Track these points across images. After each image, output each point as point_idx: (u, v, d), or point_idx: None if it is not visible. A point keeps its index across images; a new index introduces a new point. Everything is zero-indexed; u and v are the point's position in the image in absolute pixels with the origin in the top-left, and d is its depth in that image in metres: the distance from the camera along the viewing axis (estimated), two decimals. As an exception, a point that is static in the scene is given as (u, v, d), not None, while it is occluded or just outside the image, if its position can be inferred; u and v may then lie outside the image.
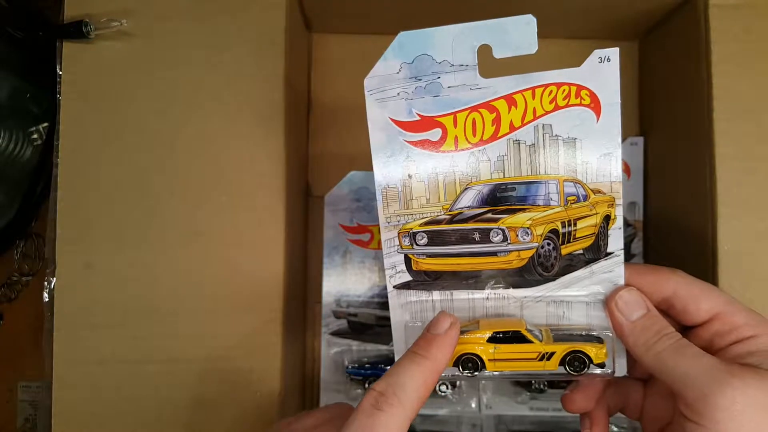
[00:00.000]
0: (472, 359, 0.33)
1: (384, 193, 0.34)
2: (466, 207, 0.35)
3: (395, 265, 0.35)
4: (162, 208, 0.42)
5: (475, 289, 0.35)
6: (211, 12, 0.42)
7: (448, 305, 0.35)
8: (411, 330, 0.35)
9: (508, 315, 0.34)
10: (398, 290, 0.35)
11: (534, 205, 0.35)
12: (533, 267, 0.34)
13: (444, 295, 0.35)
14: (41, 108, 0.52)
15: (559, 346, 0.33)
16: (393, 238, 0.35)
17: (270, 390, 0.42)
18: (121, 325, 0.41)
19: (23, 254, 0.56)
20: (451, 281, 0.35)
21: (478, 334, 0.33)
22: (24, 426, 0.55)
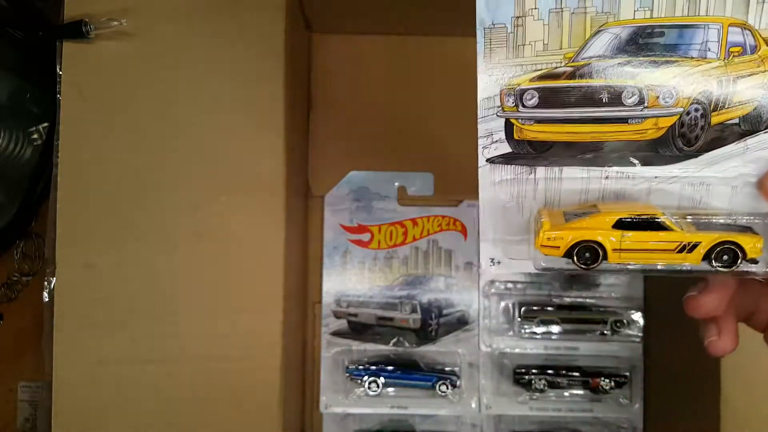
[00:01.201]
0: (592, 248, 0.27)
1: (487, 35, 0.27)
2: (595, 56, 0.27)
3: (492, 133, 0.28)
4: (162, 208, 0.42)
5: (592, 166, 0.28)
6: (210, 12, 0.42)
7: (555, 186, 0.28)
8: (504, 213, 0.29)
9: (631, 199, 0.28)
10: (492, 165, 0.28)
11: (685, 56, 0.27)
12: (672, 139, 0.28)
13: (550, 173, 0.28)
14: (41, 108, 0.52)
15: (706, 236, 0.27)
16: (493, 98, 0.28)
17: (270, 389, 0.42)
18: (121, 325, 0.41)
19: (23, 254, 0.56)
20: (562, 155, 0.28)
21: (600, 217, 0.27)
22: (24, 426, 0.55)
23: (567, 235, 0.27)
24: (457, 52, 0.56)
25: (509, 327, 0.54)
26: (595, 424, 0.54)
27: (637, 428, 0.54)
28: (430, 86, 0.56)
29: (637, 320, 0.54)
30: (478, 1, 0.27)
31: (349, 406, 0.54)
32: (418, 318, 0.54)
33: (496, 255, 0.30)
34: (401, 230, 0.55)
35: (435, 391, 0.53)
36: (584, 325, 0.53)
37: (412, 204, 0.55)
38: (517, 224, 0.29)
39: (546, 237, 0.28)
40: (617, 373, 0.53)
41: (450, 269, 0.55)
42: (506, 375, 0.54)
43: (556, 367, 0.54)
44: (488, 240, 0.28)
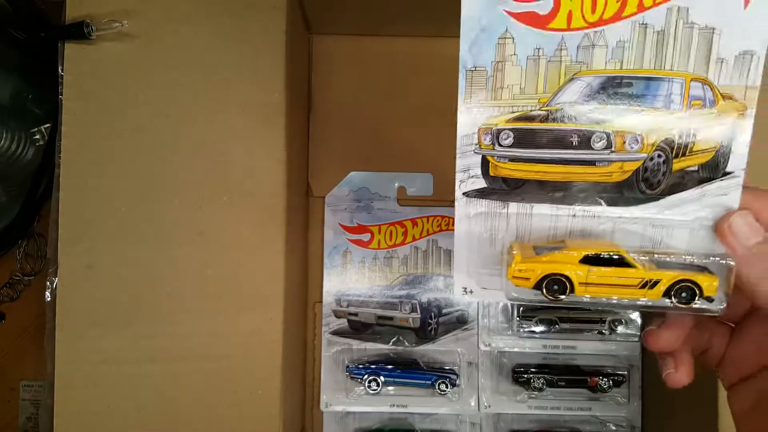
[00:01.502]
0: (560, 280, 0.29)
1: (469, 77, 0.29)
2: (568, 102, 0.29)
3: (469, 168, 0.30)
4: (163, 208, 0.42)
5: (561, 204, 0.29)
6: (212, 13, 0.42)
7: (526, 221, 0.30)
8: (477, 245, 0.30)
9: (596, 237, 0.30)
10: (468, 198, 0.30)
11: (651, 106, 0.28)
12: (636, 182, 0.29)
13: (522, 209, 0.29)
14: (43, 109, 0.53)
15: (666, 274, 0.28)
16: (471, 135, 0.29)
17: (270, 389, 0.42)
18: (122, 325, 0.41)
19: (25, 254, 0.56)
20: (533, 192, 0.29)
21: (567, 253, 0.29)
22: (26, 425, 0.56)
23: (537, 267, 0.29)
24: (457, 53, 0.56)
25: (508, 326, 0.54)
26: (593, 422, 0.54)
27: (635, 427, 0.54)
28: (429, 87, 0.56)
29: (635, 319, 0.54)
30: (462, 45, 0.29)
31: (349, 405, 0.54)
32: (418, 317, 0.54)
33: (468, 284, 0.31)
34: (401, 230, 0.55)
35: (434, 389, 0.53)
36: (582, 325, 0.54)
37: (412, 204, 0.56)
38: (490, 256, 0.31)
39: (517, 269, 0.29)
40: (615, 372, 0.54)
41: (449, 269, 0.55)
42: (505, 374, 0.54)
43: (555, 366, 0.54)
44: (462, 270, 0.30)
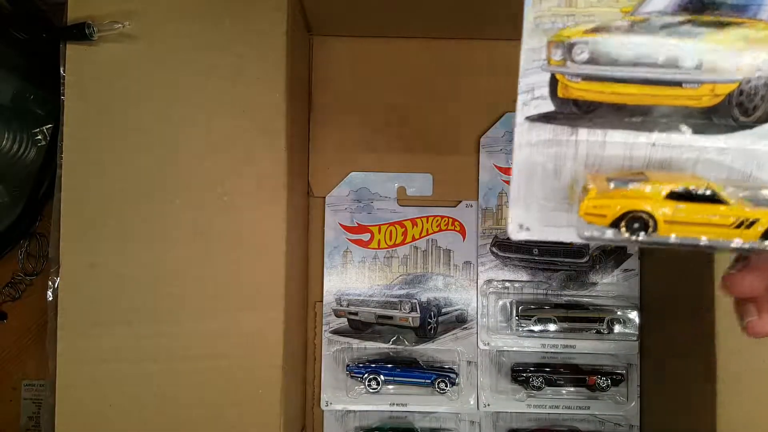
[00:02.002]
0: (641, 218, 0.25)
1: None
2: (655, 12, 0.25)
3: (533, 88, 0.26)
4: (164, 208, 0.42)
5: (640, 131, 0.26)
6: (213, 14, 0.42)
7: (597, 150, 0.26)
8: (539, 176, 0.26)
9: (677, 168, 0.26)
10: (531, 123, 0.26)
11: (754, 18, 0.25)
12: (729, 108, 0.25)
13: (593, 135, 0.26)
14: (45, 109, 0.53)
15: (765, 213, 0.25)
16: (539, 49, 0.26)
17: (271, 388, 0.42)
18: (123, 325, 0.42)
19: (27, 254, 0.56)
20: (608, 117, 0.26)
21: (650, 187, 0.25)
22: (28, 424, 0.56)
23: (616, 203, 0.25)
24: (457, 54, 0.56)
25: (507, 325, 0.55)
26: (592, 421, 0.55)
27: (633, 426, 0.54)
28: (429, 88, 0.56)
29: (634, 319, 0.54)
30: None
31: (349, 404, 0.54)
32: (418, 316, 0.54)
33: (526, 221, 0.28)
34: (401, 230, 0.56)
35: (434, 388, 0.54)
36: (581, 324, 0.54)
37: (412, 204, 0.56)
38: (554, 189, 0.27)
39: (592, 204, 0.25)
40: (614, 371, 0.54)
41: (449, 268, 0.56)
42: (504, 373, 0.55)
43: (554, 365, 0.54)
44: (519, 204, 0.26)
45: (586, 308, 0.54)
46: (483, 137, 0.56)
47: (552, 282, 0.55)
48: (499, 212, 0.56)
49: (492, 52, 0.56)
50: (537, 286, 0.55)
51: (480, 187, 0.56)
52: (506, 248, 0.55)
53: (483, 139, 0.56)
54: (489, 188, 0.55)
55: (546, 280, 0.55)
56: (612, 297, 0.54)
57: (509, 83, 0.62)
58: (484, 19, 0.52)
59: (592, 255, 0.54)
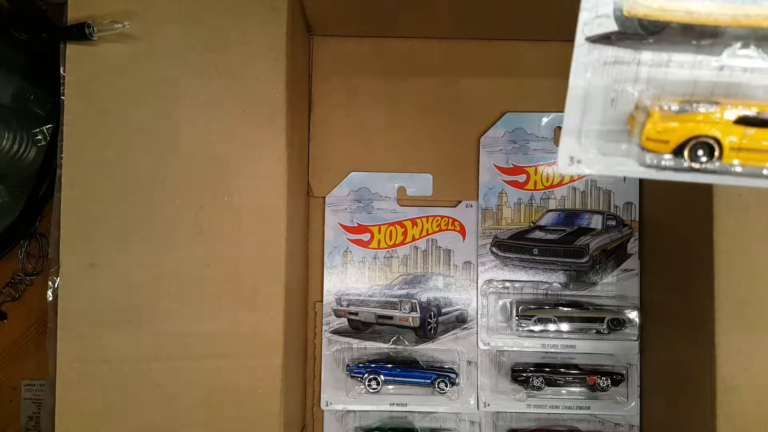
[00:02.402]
0: (707, 144, 0.23)
1: None
2: None
3: (598, 5, 0.24)
4: (164, 208, 0.42)
5: (708, 54, 0.24)
6: (213, 15, 0.42)
7: (661, 73, 0.24)
8: (597, 101, 0.24)
9: (747, 96, 0.24)
10: (592, 44, 0.24)
11: None
12: None
13: (658, 56, 0.24)
14: (45, 109, 0.53)
15: None
16: None
17: (271, 388, 0.42)
18: (123, 324, 0.42)
19: (27, 254, 0.56)
20: (674, 39, 0.24)
21: (717, 111, 0.23)
22: (28, 424, 0.56)
23: (680, 127, 0.23)
24: (456, 54, 0.56)
25: (507, 325, 0.55)
26: (592, 421, 0.55)
27: (633, 425, 0.54)
28: (429, 88, 0.56)
29: (634, 319, 0.54)
30: None
31: (349, 404, 0.54)
32: (418, 316, 0.54)
33: (577, 153, 0.26)
34: (401, 230, 0.56)
35: (434, 388, 0.54)
36: (581, 324, 0.54)
37: (412, 204, 0.56)
38: (612, 116, 0.25)
39: (655, 129, 0.24)
40: (614, 371, 0.54)
41: (449, 268, 0.56)
42: (504, 373, 0.55)
43: (554, 365, 0.54)
44: (572, 133, 0.24)
45: (586, 308, 0.54)
46: (483, 137, 0.56)
47: (552, 282, 0.55)
48: (499, 212, 0.56)
49: (492, 52, 0.56)
50: (537, 286, 0.55)
51: (480, 187, 0.56)
52: (506, 248, 0.55)
53: (483, 139, 0.56)
54: (489, 188, 0.55)
55: (546, 280, 0.55)
56: (612, 297, 0.54)
57: (509, 83, 0.62)
58: (485, 20, 0.52)
59: (592, 255, 0.54)
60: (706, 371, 0.42)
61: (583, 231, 0.55)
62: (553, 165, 0.55)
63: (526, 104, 0.56)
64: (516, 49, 0.56)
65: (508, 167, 0.55)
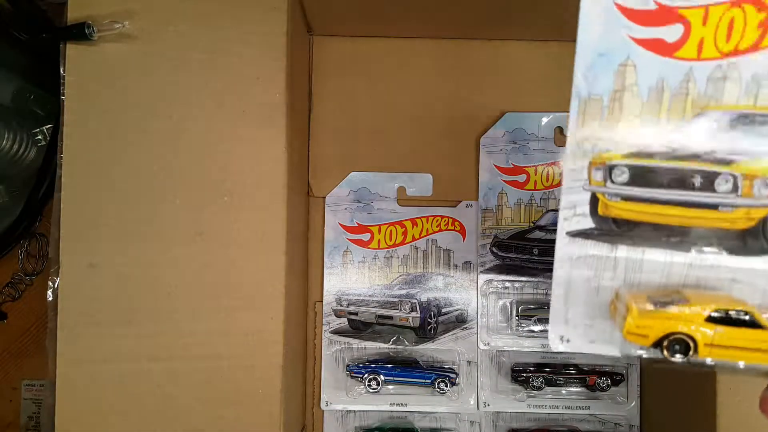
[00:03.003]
0: (683, 340, 0.25)
1: (582, 106, 0.26)
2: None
3: (575, 205, 0.27)
4: (164, 208, 0.42)
5: (677, 250, 0.26)
6: (213, 14, 0.43)
7: (635, 266, 0.27)
8: (579, 291, 0.27)
9: (713, 289, 0.27)
10: (572, 238, 0.27)
11: None
12: (763, 231, 0.26)
13: (632, 253, 0.27)
14: (45, 109, 0.53)
15: None
16: (581, 170, 0.27)
17: (271, 388, 0.42)
18: (123, 324, 0.42)
19: (27, 254, 0.56)
20: (646, 236, 0.27)
21: (691, 309, 0.25)
22: (28, 424, 0.56)
23: (658, 324, 0.26)
24: (456, 54, 0.56)
25: (507, 325, 0.55)
26: (592, 421, 0.55)
27: (633, 426, 0.54)
28: (429, 88, 0.56)
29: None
30: (576, 70, 0.26)
31: (349, 404, 0.54)
32: (418, 316, 0.54)
33: (566, 333, 0.29)
34: (401, 230, 0.56)
35: (434, 388, 0.54)
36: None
37: (412, 204, 0.56)
38: (594, 304, 0.28)
39: (635, 324, 0.26)
40: (614, 371, 0.54)
41: (449, 268, 0.56)
42: (504, 373, 0.55)
43: (554, 365, 0.54)
44: (559, 318, 0.27)
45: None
46: (483, 137, 0.56)
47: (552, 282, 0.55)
48: (499, 212, 0.56)
49: (492, 52, 0.56)
50: (537, 286, 0.55)
51: (480, 187, 0.56)
52: (506, 248, 0.55)
53: (483, 139, 0.56)
54: (489, 188, 0.56)
55: (546, 280, 0.55)
56: (612, 297, 0.54)
57: (509, 83, 0.62)
58: (485, 20, 0.53)
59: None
60: (706, 371, 0.42)
61: (583, 231, 0.55)
62: (553, 165, 0.55)
63: (526, 104, 0.56)
64: (516, 49, 0.56)
65: (508, 167, 0.55)
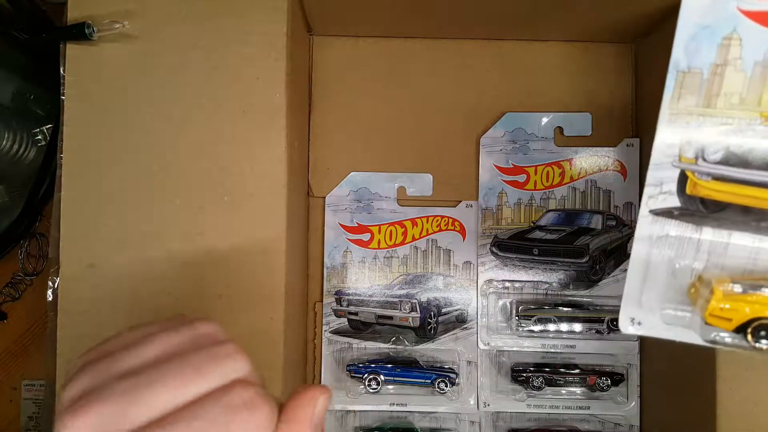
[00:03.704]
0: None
1: (679, 78, 0.25)
2: None
3: (662, 182, 0.26)
4: (164, 208, 0.42)
5: (767, 236, 0.25)
6: (213, 14, 0.43)
7: (720, 250, 0.26)
8: (658, 272, 0.26)
9: None
10: (655, 217, 0.26)
11: None
12: None
13: (718, 236, 0.26)
14: (45, 109, 0.53)
15: None
16: (672, 145, 0.26)
17: (271, 388, 0.42)
18: (123, 325, 0.41)
19: (27, 254, 0.56)
20: (735, 219, 0.26)
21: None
22: (28, 424, 0.56)
23: (744, 307, 0.25)
24: (456, 54, 0.56)
25: (507, 325, 0.55)
26: (592, 421, 0.55)
27: (633, 426, 0.54)
28: (429, 88, 0.56)
29: (634, 319, 0.54)
30: (676, 41, 0.25)
31: (349, 404, 0.54)
32: (418, 316, 0.54)
33: (638, 315, 0.28)
34: (401, 230, 0.56)
35: (434, 388, 0.54)
36: (581, 324, 0.54)
37: (412, 204, 0.56)
38: (672, 287, 0.27)
39: (718, 306, 0.25)
40: (614, 371, 0.54)
41: (449, 268, 0.56)
42: (504, 373, 0.55)
43: (554, 365, 0.54)
44: (633, 299, 0.26)
45: (586, 308, 0.54)
46: (483, 137, 0.56)
47: (552, 282, 0.55)
48: (499, 212, 0.56)
49: (492, 52, 0.56)
50: (537, 286, 0.55)
51: (480, 187, 0.56)
52: (506, 248, 0.55)
53: (483, 139, 0.56)
54: (489, 188, 0.56)
55: (546, 280, 0.55)
56: (612, 297, 0.54)
57: (509, 83, 0.62)
58: (485, 19, 0.53)
59: (592, 255, 0.54)
60: (706, 371, 0.42)
61: (583, 231, 0.55)
62: (553, 165, 0.55)
63: (526, 104, 0.56)
64: (516, 49, 0.56)
65: (508, 167, 0.55)
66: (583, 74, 0.56)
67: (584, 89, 0.56)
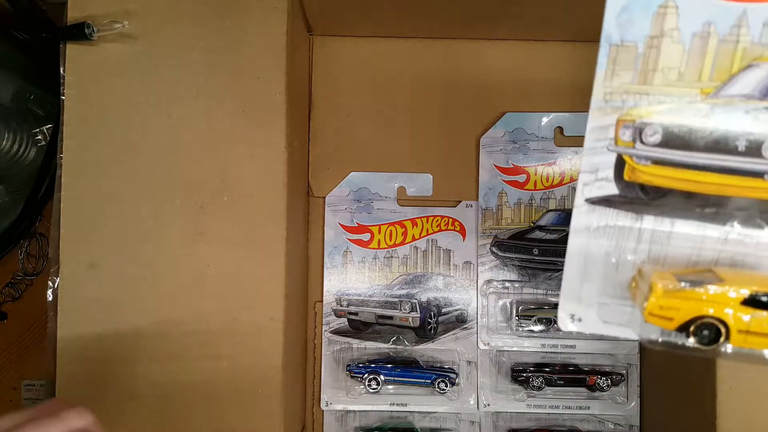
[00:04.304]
0: (713, 325, 0.22)
1: (612, 54, 0.23)
2: (740, 95, 0.22)
3: (597, 168, 0.24)
4: (164, 208, 0.42)
5: (712, 223, 0.23)
6: (212, 14, 0.43)
7: (663, 239, 0.24)
8: (596, 265, 0.24)
9: (750, 268, 0.24)
10: (591, 206, 0.25)
11: None
12: None
13: (660, 224, 0.24)
14: (45, 109, 0.53)
15: None
16: (607, 127, 0.24)
17: (271, 388, 0.42)
18: (123, 324, 0.42)
19: (27, 254, 0.56)
20: (676, 205, 0.24)
21: (724, 290, 0.22)
22: (27, 424, 0.56)
23: (685, 306, 0.22)
24: (456, 54, 0.56)
25: (507, 325, 0.55)
26: (592, 421, 0.55)
27: (633, 426, 0.54)
28: (429, 88, 0.56)
29: (634, 319, 0.54)
30: (607, 11, 0.23)
31: (349, 404, 0.54)
32: (418, 316, 0.54)
33: (578, 311, 0.26)
34: (401, 230, 0.56)
35: (434, 388, 0.54)
36: (581, 324, 0.54)
37: (412, 204, 0.56)
38: (611, 281, 0.25)
39: (658, 305, 0.23)
40: (614, 371, 0.54)
41: (449, 268, 0.56)
42: (504, 373, 0.55)
43: (554, 365, 0.54)
44: (572, 295, 0.25)
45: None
46: (483, 137, 0.56)
47: (552, 282, 0.55)
48: (499, 212, 0.56)
49: (492, 52, 0.56)
50: (537, 286, 0.55)
51: (480, 187, 0.56)
52: (506, 248, 0.55)
53: (483, 139, 0.56)
54: (489, 188, 0.56)
55: (546, 280, 0.55)
56: (612, 297, 0.54)
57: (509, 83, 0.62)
58: (485, 19, 0.52)
59: (592, 255, 0.54)
60: (706, 371, 0.42)
61: (583, 231, 0.55)
62: (553, 165, 0.55)
63: (526, 104, 0.56)
64: (516, 49, 0.56)
65: (508, 167, 0.56)
66: (583, 74, 0.56)
67: (584, 89, 0.56)
